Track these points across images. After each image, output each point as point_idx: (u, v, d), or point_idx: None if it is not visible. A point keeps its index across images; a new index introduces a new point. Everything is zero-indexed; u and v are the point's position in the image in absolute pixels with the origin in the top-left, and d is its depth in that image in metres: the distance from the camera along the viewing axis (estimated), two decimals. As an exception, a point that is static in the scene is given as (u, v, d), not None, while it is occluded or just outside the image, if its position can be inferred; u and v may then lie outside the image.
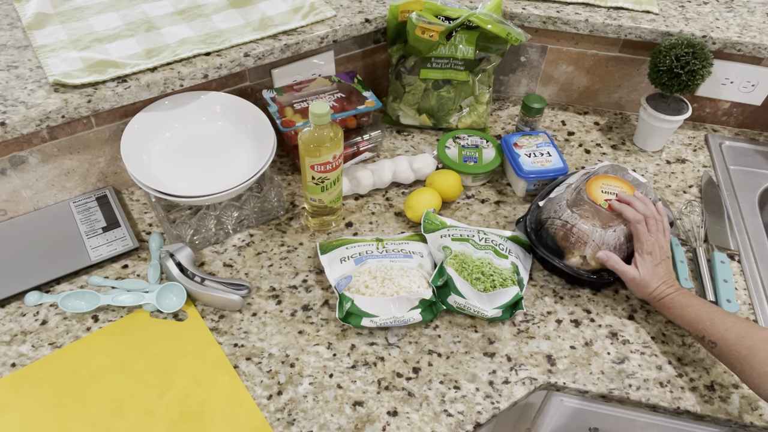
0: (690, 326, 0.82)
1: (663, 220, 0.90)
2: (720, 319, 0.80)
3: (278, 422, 0.78)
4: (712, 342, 0.79)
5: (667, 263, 0.88)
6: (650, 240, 0.88)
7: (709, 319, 0.80)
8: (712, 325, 0.80)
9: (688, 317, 0.82)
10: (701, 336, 0.81)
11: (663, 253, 0.88)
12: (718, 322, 0.79)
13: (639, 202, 0.90)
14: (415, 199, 1.02)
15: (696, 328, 0.81)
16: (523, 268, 0.95)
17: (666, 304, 0.85)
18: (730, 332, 0.78)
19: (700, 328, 0.81)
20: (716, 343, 0.78)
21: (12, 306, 0.89)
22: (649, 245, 0.87)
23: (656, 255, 0.87)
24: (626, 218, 0.90)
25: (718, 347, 0.78)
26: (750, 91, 1.20)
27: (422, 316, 0.86)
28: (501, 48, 1.12)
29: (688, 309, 0.83)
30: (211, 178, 0.96)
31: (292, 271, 0.96)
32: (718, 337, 0.78)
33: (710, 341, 0.79)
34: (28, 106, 0.89)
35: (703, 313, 0.81)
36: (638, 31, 1.14)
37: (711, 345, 0.79)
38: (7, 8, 1.09)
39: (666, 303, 0.85)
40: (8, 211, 0.98)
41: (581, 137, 1.23)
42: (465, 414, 0.80)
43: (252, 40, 1.03)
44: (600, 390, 0.83)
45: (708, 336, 0.80)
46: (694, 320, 0.82)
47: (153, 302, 0.88)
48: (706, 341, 0.80)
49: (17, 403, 0.78)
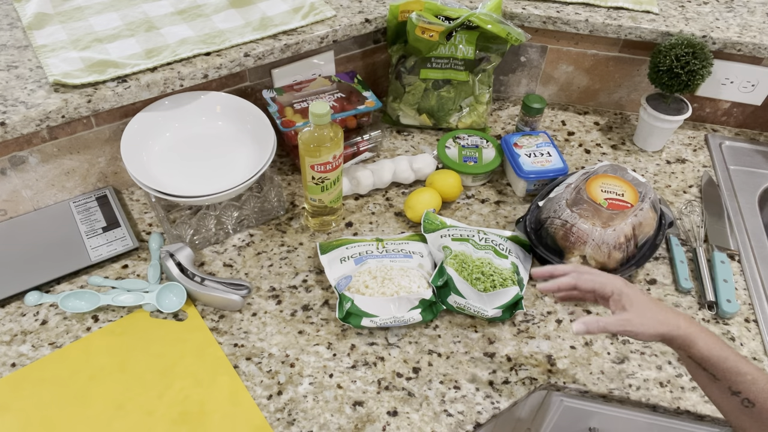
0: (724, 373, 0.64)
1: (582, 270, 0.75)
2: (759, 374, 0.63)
3: (278, 422, 0.78)
4: (750, 402, 0.63)
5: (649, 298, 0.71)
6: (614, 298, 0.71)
7: (749, 371, 0.63)
8: (754, 382, 0.63)
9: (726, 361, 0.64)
10: (736, 390, 0.64)
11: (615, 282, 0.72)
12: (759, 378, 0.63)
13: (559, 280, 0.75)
14: (415, 199, 1.02)
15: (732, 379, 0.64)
16: (523, 268, 0.95)
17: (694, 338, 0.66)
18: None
19: (739, 381, 0.63)
20: (755, 404, 0.63)
21: (12, 306, 0.89)
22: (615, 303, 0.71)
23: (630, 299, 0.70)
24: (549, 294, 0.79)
25: (758, 409, 0.63)
26: (750, 91, 1.20)
27: (422, 316, 0.86)
28: (501, 48, 1.12)
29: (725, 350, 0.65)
30: (211, 178, 0.96)
31: (292, 271, 0.96)
32: (760, 398, 0.62)
33: (747, 400, 0.63)
34: (28, 106, 0.89)
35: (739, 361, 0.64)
36: (638, 31, 1.14)
37: (746, 404, 0.63)
38: (7, 8, 1.09)
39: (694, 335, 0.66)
40: (8, 211, 0.98)
41: (581, 137, 1.23)
42: (465, 414, 0.80)
43: (252, 40, 1.03)
44: (600, 390, 0.83)
45: (746, 394, 0.63)
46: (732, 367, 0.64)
47: (153, 302, 0.88)
48: (741, 398, 0.64)
49: (17, 403, 0.78)
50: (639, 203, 0.92)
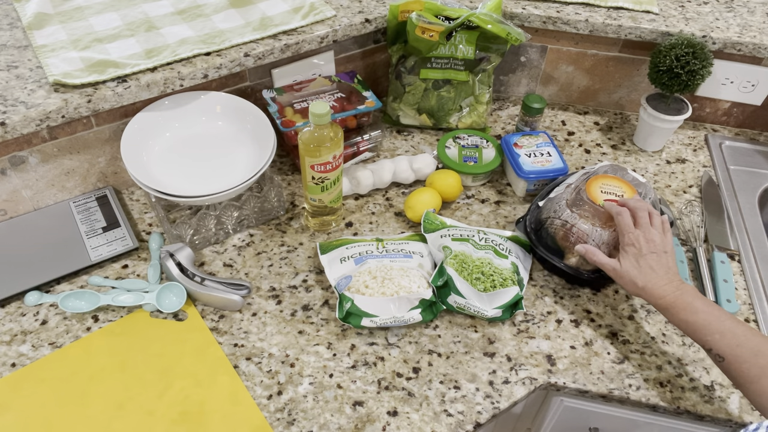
0: (695, 335, 0.75)
1: (659, 216, 0.85)
2: (731, 331, 0.73)
3: (278, 422, 0.78)
4: (720, 356, 0.73)
5: (661, 258, 0.81)
6: (633, 232, 0.83)
7: (718, 330, 0.73)
8: (722, 338, 0.72)
9: (694, 324, 0.75)
10: (708, 348, 0.74)
11: (652, 246, 0.81)
12: (729, 335, 0.72)
13: (632, 200, 0.87)
14: (415, 199, 1.02)
15: (703, 338, 0.75)
16: (523, 268, 0.95)
17: (665, 306, 0.78)
18: (743, 348, 0.71)
19: (708, 339, 0.74)
20: (725, 358, 0.72)
21: (12, 306, 0.89)
22: (631, 237, 0.82)
23: (640, 247, 0.81)
24: (612, 213, 0.86)
25: (727, 362, 0.72)
26: (750, 91, 1.20)
27: (422, 316, 0.86)
28: (501, 48, 1.12)
29: (692, 315, 0.75)
30: (211, 178, 0.96)
31: (292, 271, 0.96)
32: (729, 352, 0.72)
33: (718, 355, 0.73)
34: (28, 106, 0.89)
35: (711, 321, 0.74)
36: (638, 31, 1.14)
37: (719, 359, 0.73)
38: (7, 8, 1.09)
39: (665, 305, 0.78)
40: (8, 211, 0.98)
41: (581, 137, 1.23)
42: (465, 414, 0.80)
43: (252, 40, 1.03)
44: (600, 390, 0.83)
45: (716, 350, 0.73)
46: (700, 329, 0.75)
47: (153, 302, 0.88)
48: (713, 354, 0.74)
49: (17, 403, 0.78)
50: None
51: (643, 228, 0.83)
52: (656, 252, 0.81)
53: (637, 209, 0.85)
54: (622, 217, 0.85)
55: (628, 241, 0.83)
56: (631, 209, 0.86)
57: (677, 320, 0.78)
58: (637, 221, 0.84)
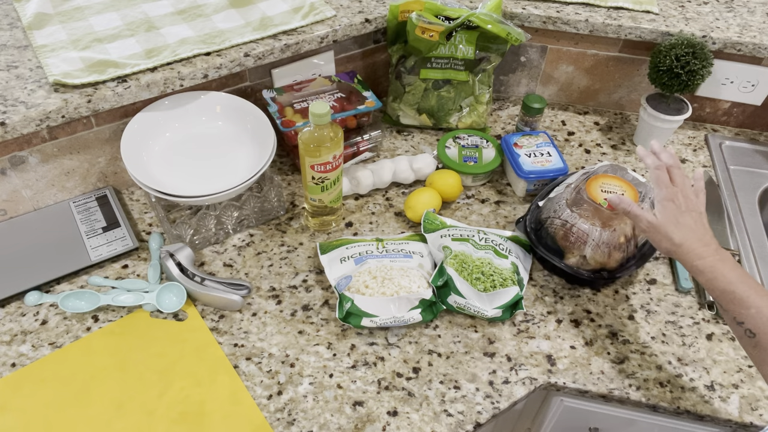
0: (731, 305, 0.70)
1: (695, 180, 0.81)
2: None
3: (278, 422, 0.78)
4: (752, 332, 0.68)
5: (700, 218, 0.76)
6: (671, 188, 0.78)
7: (756, 305, 0.68)
8: (759, 314, 0.67)
9: (732, 294, 0.70)
10: (740, 321, 0.69)
11: (690, 204, 0.77)
12: (766, 311, 0.67)
13: (666, 154, 0.82)
14: (415, 199, 1.02)
15: (737, 310, 0.69)
16: (523, 268, 0.95)
17: (702, 269, 0.72)
18: None
19: (743, 313, 0.69)
20: (757, 334, 0.67)
21: (12, 306, 0.89)
22: (670, 192, 0.77)
23: (680, 203, 0.76)
24: (646, 165, 0.82)
25: (758, 339, 0.67)
26: (750, 91, 1.20)
27: (422, 316, 0.86)
28: (501, 48, 1.12)
29: (731, 284, 0.70)
30: (211, 178, 0.96)
31: (292, 271, 0.96)
32: (762, 330, 0.67)
33: (749, 330, 0.68)
34: (28, 106, 0.89)
35: (750, 294, 0.69)
36: (638, 31, 1.14)
37: (749, 335, 0.68)
38: (7, 8, 1.09)
39: (702, 268, 0.72)
40: (8, 211, 0.98)
41: (581, 137, 1.23)
42: (465, 414, 0.80)
43: (252, 40, 1.03)
44: (600, 390, 0.83)
45: (749, 324, 0.68)
46: (737, 300, 0.69)
47: (153, 302, 0.88)
48: (744, 328, 0.69)
49: (17, 403, 0.78)
50: (639, 203, 0.92)
51: (680, 185, 0.79)
52: (695, 210, 0.77)
53: (674, 167, 0.80)
54: (661, 171, 0.79)
55: (667, 196, 0.77)
56: (667, 166, 0.81)
57: (712, 287, 0.72)
58: (674, 179, 0.79)
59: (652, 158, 0.82)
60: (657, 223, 0.77)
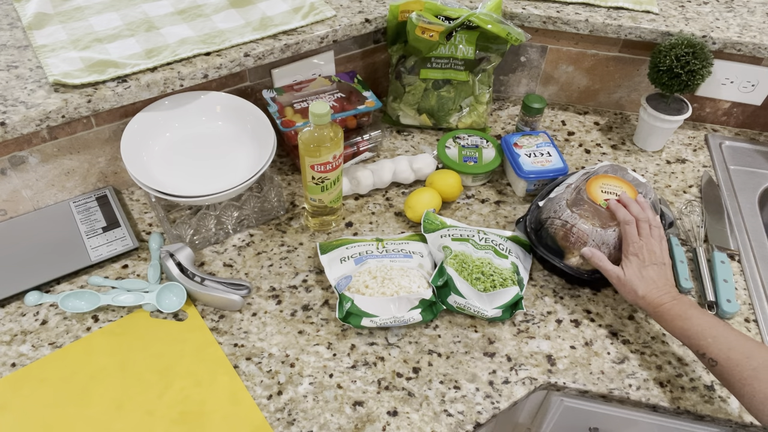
0: (689, 341, 0.78)
1: (659, 228, 0.88)
2: (723, 336, 0.75)
3: (278, 422, 0.78)
4: (713, 360, 0.75)
5: (661, 269, 0.84)
6: (637, 242, 0.86)
7: (711, 335, 0.75)
8: (715, 342, 0.75)
9: (688, 331, 0.78)
10: (701, 353, 0.76)
11: (654, 258, 0.85)
12: (721, 339, 0.75)
13: (635, 205, 0.89)
14: (415, 199, 1.02)
15: (696, 343, 0.77)
16: (523, 268, 0.95)
17: (662, 313, 0.81)
18: (735, 351, 0.73)
19: (702, 344, 0.76)
20: (717, 362, 0.74)
21: (12, 306, 0.89)
22: (635, 247, 0.86)
23: (644, 258, 0.85)
24: (617, 219, 0.89)
25: (720, 366, 0.74)
26: (750, 91, 1.20)
27: (422, 316, 0.86)
28: (501, 48, 1.12)
29: (687, 321, 0.78)
30: (211, 178, 0.96)
31: (292, 271, 0.96)
32: (721, 356, 0.74)
33: (711, 359, 0.75)
34: (28, 106, 0.89)
35: (704, 327, 0.77)
36: (638, 31, 1.14)
37: (711, 363, 0.75)
38: (7, 8, 1.09)
39: (662, 313, 0.81)
40: (8, 211, 0.98)
41: (581, 137, 1.23)
42: (465, 414, 0.80)
43: (252, 40, 1.03)
44: (600, 390, 0.83)
45: (709, 354, 0.75)
46: (694, 335, 0.77)
47: (153, 302, 0.88)
48: (706, 359, 0.76)
49: (17, 403, 0.78)
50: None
51: (645, 239, 0.86)
52: (657, 263, 0.85)
53: (640, 220, 0.88)
54: (630, 227, 0.87)
55: (633, 251, 0.86)
56: (634, 216, 0.88)
57: (672, 327, 0.80)
58: (640, 231, 0.87)
59: (623, 212, 0.89)
60: (624, 279, 0.85)
